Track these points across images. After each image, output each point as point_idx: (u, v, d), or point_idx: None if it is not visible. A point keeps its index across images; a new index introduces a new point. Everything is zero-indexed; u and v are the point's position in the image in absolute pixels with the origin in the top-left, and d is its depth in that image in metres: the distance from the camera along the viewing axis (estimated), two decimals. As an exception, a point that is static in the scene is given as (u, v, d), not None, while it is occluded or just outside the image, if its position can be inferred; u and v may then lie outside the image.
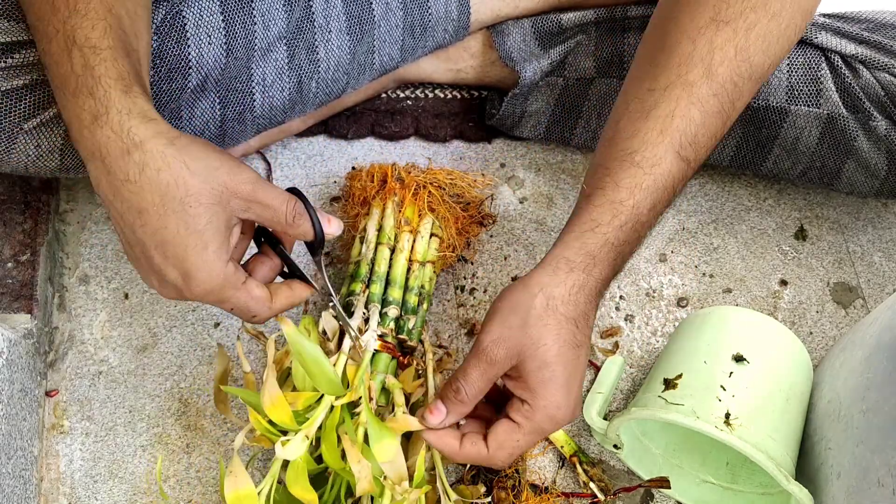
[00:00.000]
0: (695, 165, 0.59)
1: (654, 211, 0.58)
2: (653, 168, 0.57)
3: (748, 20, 0.57)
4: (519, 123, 0.84)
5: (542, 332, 0.55)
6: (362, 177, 0.74)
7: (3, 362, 0.63)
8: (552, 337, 0.55)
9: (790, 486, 0.58)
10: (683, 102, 0.58)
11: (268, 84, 0.69)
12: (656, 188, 0.57)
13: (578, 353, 0.56)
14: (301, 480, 0.57)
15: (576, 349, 0.56)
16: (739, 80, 0.58)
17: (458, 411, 0.57)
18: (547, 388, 0.55)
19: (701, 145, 0.59)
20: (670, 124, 0.57)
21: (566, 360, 0.55)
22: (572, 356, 0.56)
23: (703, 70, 0.57)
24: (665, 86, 0.58)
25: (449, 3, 0.76)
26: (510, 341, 0.56)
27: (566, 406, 0.56)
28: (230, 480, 0.56)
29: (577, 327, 0.56)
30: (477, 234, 0.80)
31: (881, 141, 0.74)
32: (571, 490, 0.69)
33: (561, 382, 0.55)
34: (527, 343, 0.55)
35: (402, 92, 0.88)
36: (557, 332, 0.55)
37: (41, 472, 0.68)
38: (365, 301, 0.67)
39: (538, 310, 0.56)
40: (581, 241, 0.57)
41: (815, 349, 0.77)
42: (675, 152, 0.58)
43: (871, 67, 0.74)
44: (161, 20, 0.62)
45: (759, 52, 0.58)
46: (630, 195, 0.57)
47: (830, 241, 0.83)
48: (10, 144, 0.63)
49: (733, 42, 0.57)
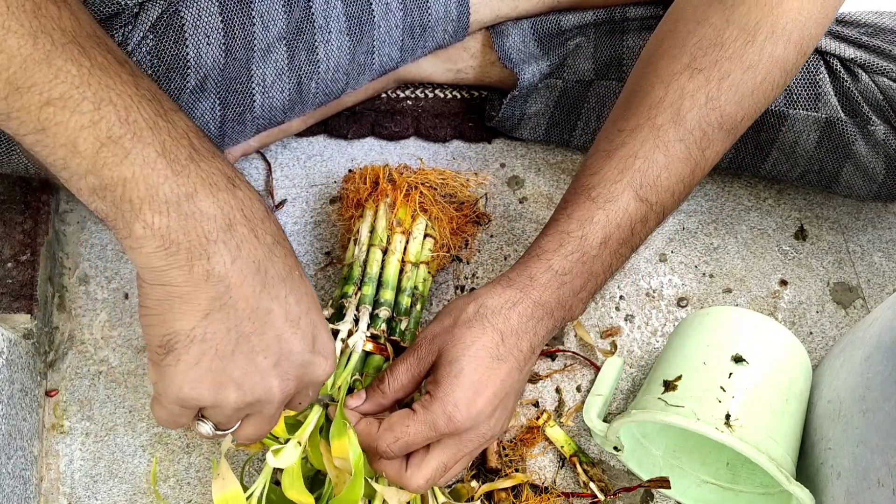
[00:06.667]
0: (658, 210, 0.59)
1: (607, 246, 0.58)
2: (607, 203, 0.58)
3: (722, 69, 0.57)
4: (518, 125, 0.84)
5: (463, 333, 0.56)
6: (355, 179, 0.75)
7: (3, 362, 0.63)
8: (470, 339, 0.56)
9: (791, 486, 0.58)
10: (648, 145, 0.58)
11: (268, 85, 0.69)
12: (608, 223, 0.58)
13: (497, 365, 0.55)
14: (297, 485, 0.57)
15: (495, 360, 0.55)
16: (709, 129, 0.58)
17: (376, 401, 0.58)
18: (450, 384, 0.55)
19: (664, 188, 0.59)
20: (632, 164, 0.58)
21: (479, 365, 0.55)
22: (488, 364, 0.55)
23: (672, 115, 0.58)
24: (633, 127, 0.59)
25: (449, 4, 0.76)
26: (436, 339, 0.57)
27: (466, 409, 0.54)
28: (218, 483, 0.56)
29: (502, 340, 0.56)
30: (473, 233, 0.80)
31: (879, 145, 0.74)
32: (571, 490, 0.69)
33: (466, 383, 0.54)
34: (448, 340, 0.56)
35: (402, 92, 0.88)
36: (479, 336, 0.56)
37: (41, 472, 0.68)
38: (357, 303, 0.67)
39: (468, 314, 0.57)
40: (525, 265, 0.59)
41: (815, 349, 0.77)
42: (634, 191, 0.58)
43: (870, 72, 0.74)
44: (157, 18, 0.62)
45: (730, 102, 0.58)
46: (579, 227, 0.58)
47: (830, 241, 0.83)
48: (10, 145, 0.63)
49: (705, 90, 0.58)
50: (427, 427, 0.54)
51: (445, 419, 0.54)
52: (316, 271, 0.78)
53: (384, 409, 0.59)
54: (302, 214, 0.82)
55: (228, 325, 0.44)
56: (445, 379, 0.55)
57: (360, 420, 0.58)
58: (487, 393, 0.55)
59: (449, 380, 0.55)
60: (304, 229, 0.81)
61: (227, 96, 0.68)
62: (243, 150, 0.81)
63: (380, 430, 0.55)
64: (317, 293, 0.77)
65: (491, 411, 0.56)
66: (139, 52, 0.62)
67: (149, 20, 0.62)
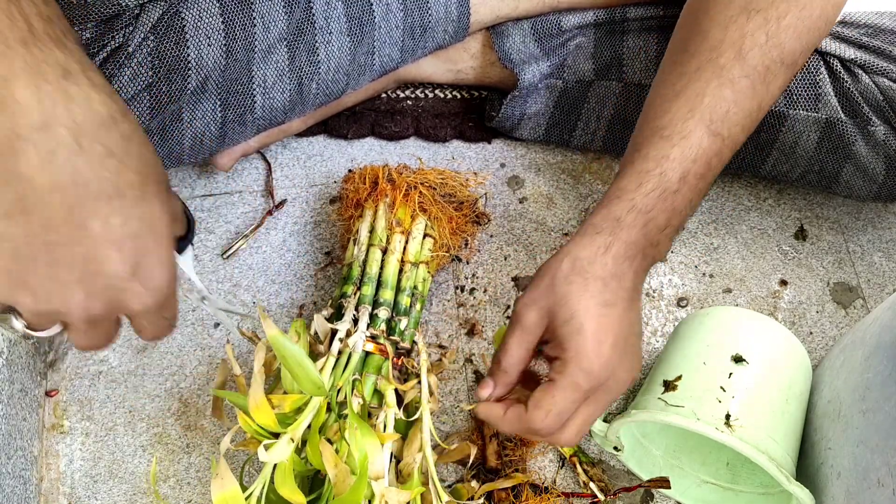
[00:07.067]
0: (730, 144, 0.60)
1: (686, 182, 0.58)
2: (681, 140, 0.58)
3: (779, 9, 0.59)
4: (518, 125, 0.84)
5: (567, 290, 0.56)
6: (355, 179, 0.75)
7: (3, 362, 0.63)
8: (577, 293, 0.55)
9: (791, 486, 0.58)
10: (714, 83, 0.59)
11: (268, 86, 0.69)
12: (685, 158, 0.58)
13: (610, 310, 0.56)
14: (288, 482, 0.57)
15: (607, 307, 0.55)
16: (772, 65, 0.59)
17: (503, 381, 0.58)
18: (576, 342, 0.55)
19: (734, 123, 0.59)
20: (701, 102, 0.58)
21: (594, 315, 0.55)
22: (602, 312, 0.55)
23: (734, 53, 0.58)
24: (696, 68, 0.59)
25: (449, 4, 0.76)
26: (539, 303, 0.57)
27: (598, 358, 0.55)
28: (216, 483, 0.56)
29: (605, 286, 0.56)
30: (472, 233, 0.80)
31: (879, 146, 0.74)
32: (571, 490, 0.69)
33: (590, 336, 0.55)
34: (553, 301, 0.56)
35: (402, 92, 0.88)
36: (583, 289, 0.56)
37: (41, 471, 0.68)
38: (356, 303, 0.67)
39: (564, 271, 0.56)
40: (607, 209, 0.58)
41: (815, 349, 0.77)
42: (706, 126, 0.58)
43: (871, 72, 0.74)
44: (158, 19, 0.62)
45: (790, 38, 0.59)
46: (657, 165, 0.58)
47: (830, 241, 0.83)
48: None
49: (764, 29, 0.59)
50: (572, 390, 0.55)
51: (585, 376, 0.54)
52: (316, 271, 0.79)
53: (512, 386, 0.59)
54: (302, 214, 0.82)
55: (30, 231, 0.41)
56: (569, 339, 0.55)
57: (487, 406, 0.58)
58: (610, 339, 0.55)
59: (573, 339, 0.55)
60: (304, 229, 0.81)
61: (228, 97, 0.68)
62: (243, 151, 0.81)
63: (528, 410, 0.56)
64: (317, 293, 0.77)
65: (620, 355, 0.56)
66: (140, 53, 0.62)
67: (150, 21, 0.62)
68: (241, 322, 0.65)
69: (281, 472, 0.57)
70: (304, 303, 0.77)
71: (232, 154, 0.79)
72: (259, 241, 0.80)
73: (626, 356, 0.56)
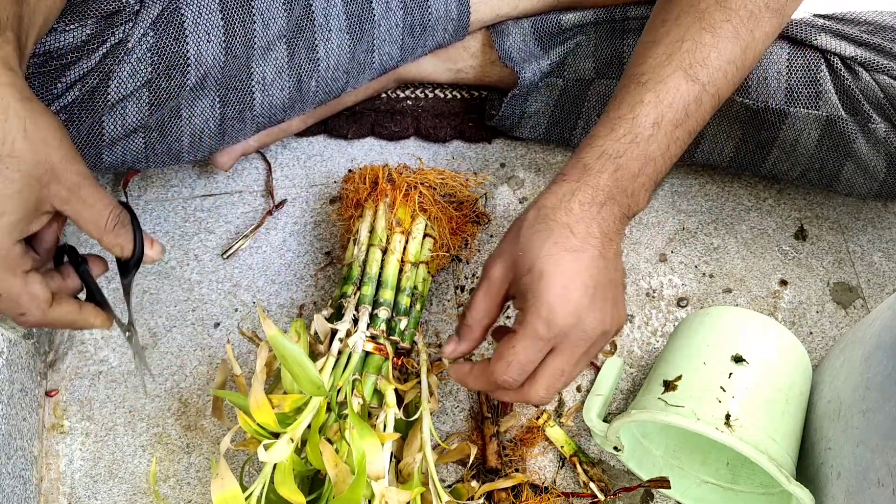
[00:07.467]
0: (712, 91, 0.59)
1: (660, 127, 0.57)
2: (657, 85, 0.57)
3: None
4: (519, 124, 0.84)
5: (531, 239, 0.55)
6: (355, 179, 0.75)
7: (3, 362, 0.63)
8: (539, 241, 0.54)
9: (791, 486, 0.58)
10: (694, 28, 0.58)
11: (268, 83, 0.69)
12: (659, 102, 0.57)
13: (576, 256, 0.54)
14: (288, 482, 0.57)
15: (572, 252, 0.54)
16: (755, 9, 0.58)
17: (468, 337, 0.58)
18: (536, 290, 0.53)
19: (714, 68, 0.58)
20: (679, 48, 0.58)
21: (557, 261, 0.53)
22: (567, 258, 0.54)
23: None
24: (676, 16, 0.59)
25: (449, 3, 0.76)
26: (504, 255, 0.56)
27: (561, 306, 0.53)
28: (216, 483, 0.56)
29: (571, 232, 0.54)
30: (472, 233, 0.80)
31: (880, 143, 0.74)
32: (571, 490, 0.69)
33: (552, 283, 0.53)
34: (517, 252, 0.55)
35: (402, 92, 0.88)
36: (546, 236, 0.54)
37: (41, 472, 0.68)
38: (356, 303, 0.67)
39: (529, 220, 0.56)
40: (577, 156, 0.58)
41: (815, 349, 0.77)
42: (683, 71, 0.57)
43: (871, 70, 0.74)
44: (158, 15, 0.62)
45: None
46: (630, 110, 0.57)
47: (830, 241, 0.83)
48: None
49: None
50: (532, 339, 0.53)
51: (545, 325, 0.53)
52: (316, 271, 0.78)
53: (478, 342, 0.58)
54: (302, 214, 0.82)
55: None
56: (530, 287, 0.53)
57: (456, 366, 0.58)
58: (576, 286, 0.53)
59: (534, 287, 0.53)
60: (304, 229, 0.81)
61: (227, 94, 0.68)
62: (243, 150, 0.81)
63: (492, 363, 0.55)
64: (317, 293, 0.77)
65: (589, 303, 0.54)
66: (140, 49, 0.62)
67: (149, 17, 0.62)
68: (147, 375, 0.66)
69: (281, 472, 0.57)
70: (304, 303, 0.77)
71: (232, 153, 0.79)
72: (259, 241, 0.80)
73: (597, 304, 0.54)
